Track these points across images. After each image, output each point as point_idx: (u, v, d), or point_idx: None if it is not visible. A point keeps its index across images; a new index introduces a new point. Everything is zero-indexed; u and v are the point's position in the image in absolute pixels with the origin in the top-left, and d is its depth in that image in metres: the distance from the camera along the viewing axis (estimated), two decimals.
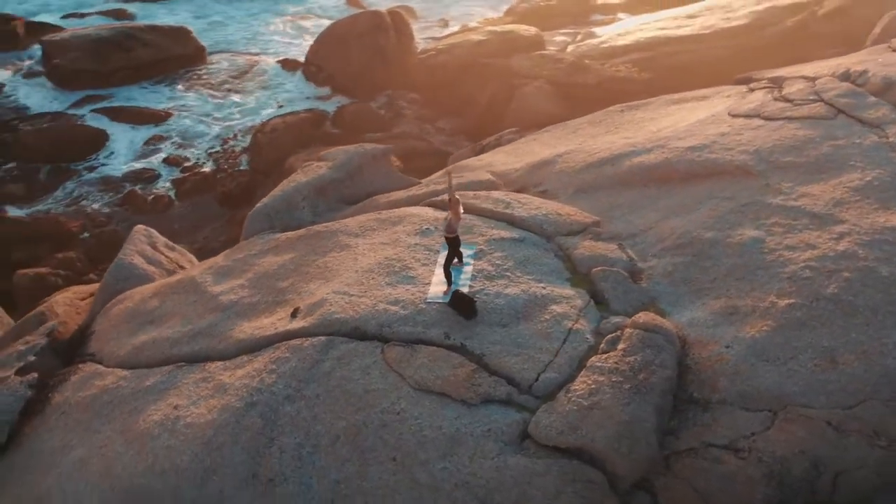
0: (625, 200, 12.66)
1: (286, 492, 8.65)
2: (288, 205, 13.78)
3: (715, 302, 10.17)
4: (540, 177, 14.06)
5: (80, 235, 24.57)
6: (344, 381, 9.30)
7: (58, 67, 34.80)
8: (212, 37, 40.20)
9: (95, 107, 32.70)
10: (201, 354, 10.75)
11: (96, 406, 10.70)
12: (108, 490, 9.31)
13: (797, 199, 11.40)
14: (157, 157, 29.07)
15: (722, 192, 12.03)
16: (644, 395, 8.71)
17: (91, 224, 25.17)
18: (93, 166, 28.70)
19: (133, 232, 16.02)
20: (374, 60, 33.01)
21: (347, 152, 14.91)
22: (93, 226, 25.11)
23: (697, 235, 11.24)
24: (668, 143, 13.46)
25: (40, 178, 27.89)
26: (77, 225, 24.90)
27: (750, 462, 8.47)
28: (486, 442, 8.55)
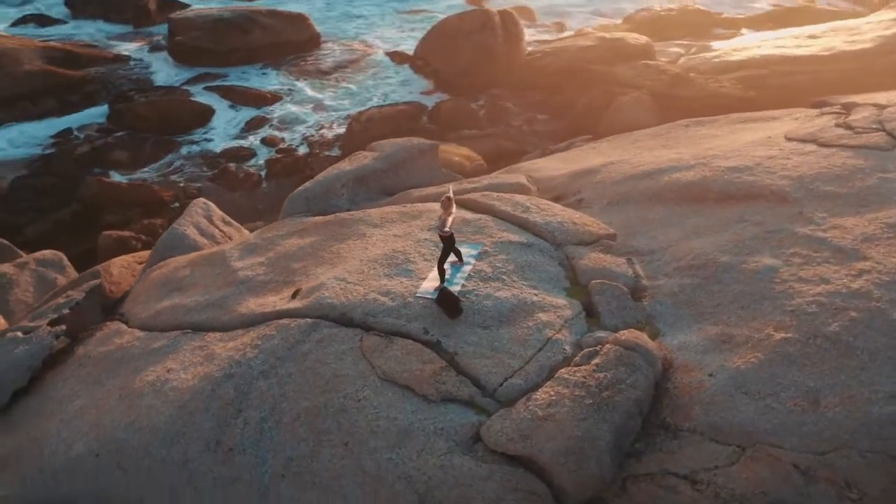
0: (654, 216, 12.41)
1: (243, 462, 9.01)
2: (327, 191, 14.22)
3: (712, 328, 9.87)
4: (580, 185, 13.94)
5: (171, 205, 26.00)
6: (317, 364, 9.60)
7: (179, 44, 36.93)
8: (329, 24, 41.54)
9: (208, 84, 34.50)
10: (206, 324, 11.29)
11: (108, 362, 11.43)
12: (93, 440, 9.94)
13: (826, 230, 10.87)
14: (257, 137, 30.37)
15: (753, 216, 11.61)
16: (603, 413, 8.58)
17: (182, 195, 26.58)
18: (195, 140, 30.29)
19: (192, 204, 16.89)
20: (480, 59, 33.29)
21: (395, 145, 15.23)
22: (184, 196, 26.50)
23: (713, 258, 10.91)
24: (711, 161, 13.07)
25: (146, 148, 29.68)
26: (169, 195, 26.38)
27: (705, 496, 8.20)
28: (436, 439, 8.65)
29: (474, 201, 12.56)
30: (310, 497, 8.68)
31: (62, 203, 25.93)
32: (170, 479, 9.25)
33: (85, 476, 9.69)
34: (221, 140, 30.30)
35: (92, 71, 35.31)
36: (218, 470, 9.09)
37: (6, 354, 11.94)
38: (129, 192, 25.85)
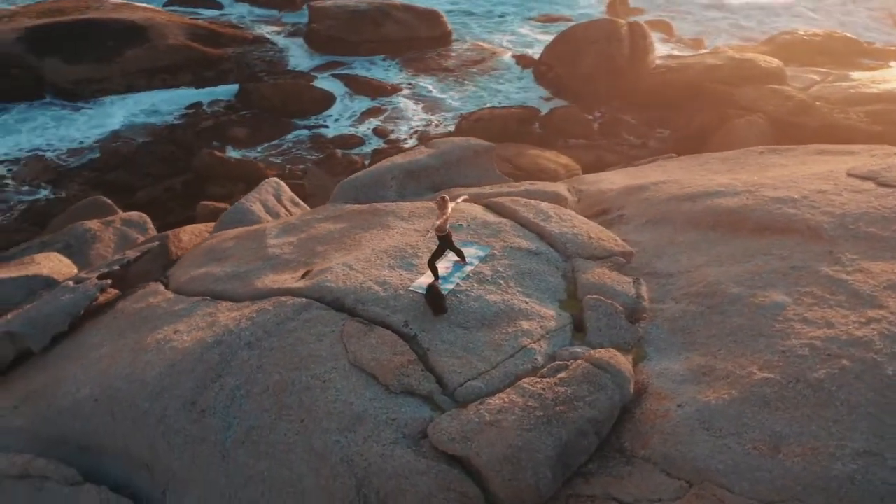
0: (685, 239, 12.07)
1: (211, 424, 9.52)
2: (377, 181, 14.62)
3: (698, 358, 9.57)
4: (627, 201, 13.71)
5: None
6: (297, 342, 9.99)
7: (314, 32, 38.54)
8: (463, 24, 42.14)
9: (335, 72, 35.84)
10: (224, 294, 11.90)
11: (136, 318, 12.26)
12: (97, 386, 10.74)
13: (850, 273, 10.27)
14: (369, 127, 31.32)
15: (780, 249, 11.11)
16: (551, 428, 8.52)
17: (287, 176, 27.78)
18: (311, 125, 31.57)
19: (263, 182, 17.74)
20: (602, 69, 32.91)
21: (452, 143, 15.46)
22: (288, 177, 27.69)
23: (724, 288, 10.53)
24: (759, 189, 12.56)
25: (264, 128, 31.21)
26: (273, 173, 27.62)
27: None
28: (385, 429, 8.84)
29: (501, 205, 12.62)
30: (262, 466, 9.08)
31: (177, 171, 27.70)
32: (149, 430, 9.88)
33: (82, 418, 10.48)
34: (335, 126, 31.45)
35: (230, 51, 37.37)
36: (189, 429, 9.63)
37: (53, 301, 12.98)
38: (237, 168, 27.28)
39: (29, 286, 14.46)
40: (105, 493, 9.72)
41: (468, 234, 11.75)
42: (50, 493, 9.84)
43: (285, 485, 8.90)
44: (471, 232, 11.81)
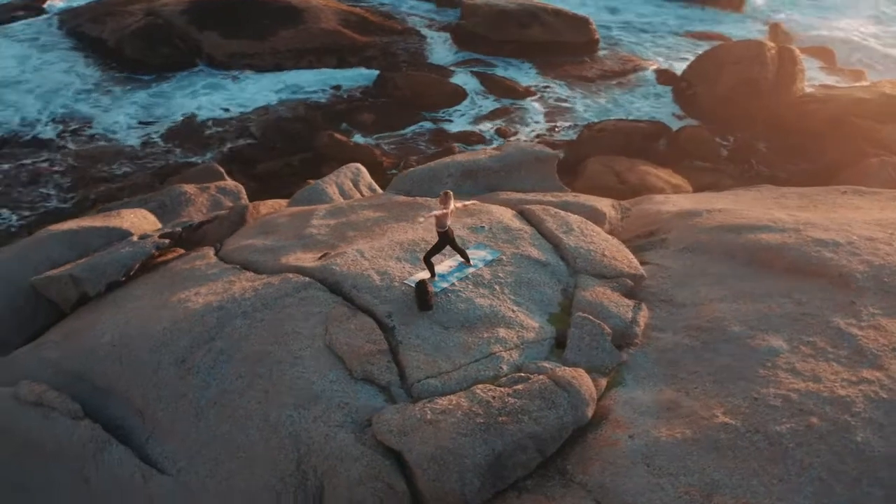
0: (716, 270, 11.60)
1: (193, 382, 10.14)
2: (433, 176, 14.85)
3: (670, 392, 9.25)
4: (675, 225, 13.28)
5: (388, 171, 27.95)
6: (287, 318, 10.42)
7: (460, 28, 39.10)
8: (612, 33, 41.39)
9: (472, 69, 36.23)
10: (251, 265, 12.50)
11: (176, 277, 13.10)
12: (118, 334, 11.60)
13: (863, 328, 9.58)
14: (492, 126, 31.49)
15: (802, 293, 10.49)
16: (487, 436, 8.52)
17: (403, 165, 28.43)
18: (437, 118, 32.08)
19: (344, 166, 18.35)
20: (742, 91, 31.44)
21: (515, 147, 15.44)
22: (403, 166, 28.35)
23: (726, 325, 10.09)
24: (807, 229, 11.85)
25: (391, 117, 31.99)
26: (389, 161, 28.37)
27: None
28: (336, 411, 9.13)
29: (531, 212, 12.56)
30: (224, 428, 9.59)
31: (299, 149, 28.91)
32: (145, 380, 10.61)
33: (99, 360, 11.34)
34: (460, 122, 31.84)
35: (377, 39, 38.51)
36: (175, 383, 10.28)
37: (114, 252, 14.04)
38: (354, 151, 28.16)
39: (108, 236, 15.62)
40: (98, 430, 10.47)
41: (485, 237, 11.79)
42: (54, 422, 10.70)
43: (239, 449, 9.36)
44: (489, 235, 11.84)
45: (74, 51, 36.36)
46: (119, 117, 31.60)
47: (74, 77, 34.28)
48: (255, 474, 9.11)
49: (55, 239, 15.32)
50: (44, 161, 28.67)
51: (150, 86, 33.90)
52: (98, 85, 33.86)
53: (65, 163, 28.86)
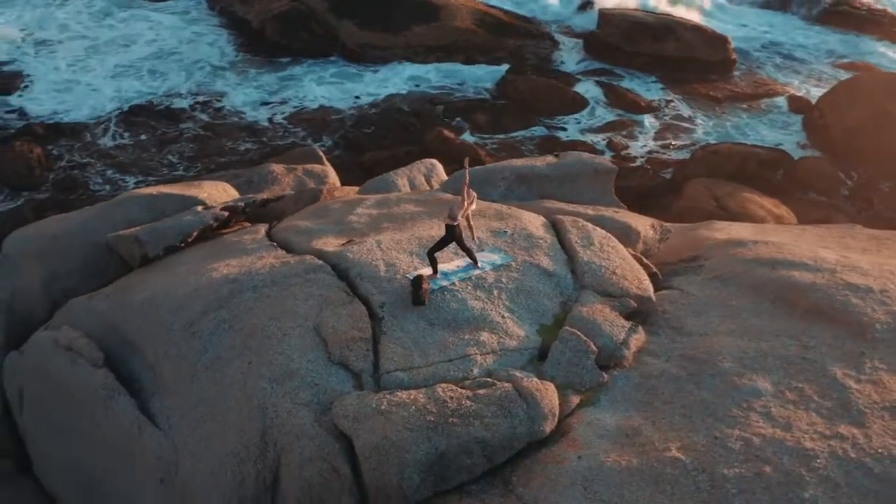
0: (736, 303, 11.11)
1: (194, 346, 10.73)
2: (486, 178, 14.86)
3: (637, 419, 9.02)
4: (717, 253, 12.77)
5: None
6: (288, 296, 10.81)
7: (593, 37, 38.65)
8: (752, 55, 39.61)
9: (598, 79, 35.73)
10: (286, 244, 12.98)
11: (223, 249, 13.73)
12: (151, 293, 12.38)
13: (861, 382, 8.99)
14: (605, 138, 31.01)
15: (812, 337, 9.93)
16: (433, 435, 8.60)
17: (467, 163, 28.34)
18: (552, 125, 31.91)
19: (420, 161, 18.64)
20: (873, 124, 29.43)
21: (575, 157, 15.22)
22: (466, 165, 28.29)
23: (719, 360, 9.71)
24: (843, 271, 11.16)
25: (505, 119, 32.08)
26: (490, 162, 28.51)
27: None
28: (305, 390, 9.44)
29: (560, 222, 12.44)
30: (210, 393, 10.11)
31: (408, 142, 29.54)
32: (160, 338, 11.31)
33: (130, 316, 12.15)
34: (574, 131, 31.56)
35: (509, 41, 38.61)
36: (180, 346, 10.89)
37: (177, 219, 14.83)
38: (459, 149, 28.42)
39: (183, 204, 16.51)
40: (110, 379, 11.22)
41: (504, 242, 11.75)
42: (79, 367, 11.53)
43: (217, 414, 9.84)
44: (509, 241, 11.79)
45: (221, 28, 38.32)
46: (250, 95, 33.14)
47: (215, 53, 36.15)
48: (226, 439, 9.55)
49: (135, 202, 16.32)
50: (174, 130, 30.38)
51: (284, 68, 35.35)
52: (235, 63, 35.62)
53: (192, 134, 30.51)
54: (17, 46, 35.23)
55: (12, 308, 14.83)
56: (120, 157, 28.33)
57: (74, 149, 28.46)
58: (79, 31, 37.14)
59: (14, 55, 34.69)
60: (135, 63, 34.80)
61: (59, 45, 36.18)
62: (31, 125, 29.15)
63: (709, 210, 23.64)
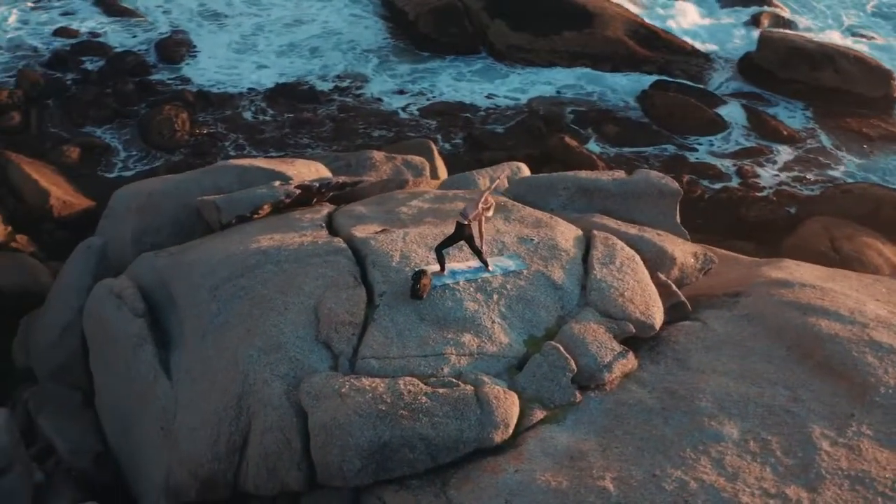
0: (752, 344, 10.57)
1: (210, 308, 11.46)
2: (548, 187, 14.68)
3: (591, 444, 8.93)
4: (759, 291, 12.03)
5: None
6: (303, 274, 11.30)
7: (749, 59, 36.79)
8: None
9: (744, 102, 34.11)
10: (333, 226, 13.38)
11: (280, 223, 14.21)
12: (197, 255, 13.12)
13: (836, 446, 8.44)
14: (736, 164, 29.62)
15: (809, 391, 9.36)
16: (379, 424, 8.84)
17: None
18: (682, 144, 30.74)
19: (507, 163, 18.66)
20: None
21: (642, 175, 14.73)
22: None
23: (698, 399, 9.40)
24: (876, 327, 10.35)
25: (636, 132, 31.23)
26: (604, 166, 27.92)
27: None
28: (285, 364, 9.93)
29: (593, 237, 12.28)
30: (210, 353, 10.79)
31: (530, 145, 29.36)
32: (189, 297, 12.13)
33: (177, 274, 12.94)
34: (704, 153, 30.32)
35: (659, 55, 37.53)
36: (201, 306, 11.62)
37: (252, 192, 15.54)
38: (578, 158, 27.99)
39: (270, 178, 17.31)
40: (143, 329, 12.13)
41: (526, 250, 11.61)
42: (123, 314, 12.54)
43: (209, 372, 10.46)
44: (532, 249, 11.66)
45: (378, 17, 39.23)
46: (390, 84, 33.91)
47: (369, 39, 37.09)
48: (210, 399, 10.11)
49: (228, 170, 17.28)
50: (313, 111, 31.56)
51: (428, 61, 35.94)
52: (383, 51, 36.47)
53: (329, 116, 31.58)
54: (190, 18, 37.54)
55: (105, 255, 16.02)
56: (257, 131, 29.78)
57: (218, 119, 30.17)
58: (248, 7, 39.03)
59: (186, 26, 36.93)
60: (299, 42, 36.16)
61: (228, 20, 38.17)
62: (184, 92, 30.92)
63: (820, 251, 22.10)
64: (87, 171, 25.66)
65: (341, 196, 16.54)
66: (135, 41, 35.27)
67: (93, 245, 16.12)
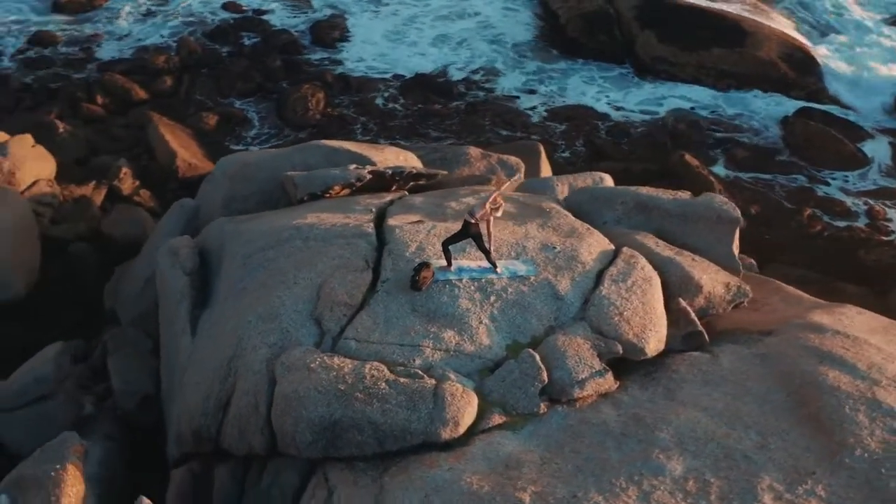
0: (754, 385, 9.99)
1: (239, 273, 12.15)
2: (605, 199, 14.31)
3: (532, 456, 8.80)
4: (787, 331, 11.26)
5: None
6: (322, 253, 11.71)
7: None
8: None
9: (891, 139, 31.59)
10: (383, 213, 13.56)
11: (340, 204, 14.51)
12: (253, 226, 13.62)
13: (779, 500, 7.81)
14: (867, 203, 27.53)
15: (782, 440, 8.88)
16: (333, 402, 9.20)
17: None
18: (815, 177, 28.59)
19: (590, 172, 18.32)
20: None
21: (706, 198, 14.03)
22: None
23: (658, 430, 9.10)
24: (888, 385, 9.51)
25: (766, 158, 29.57)
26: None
27: None
28: (276, 334, 10.42)
29: (621, 252, 11.87)
30: (225, 316, 11.39)
31: (650, 160, 28.47)
32: (227, 263, 12.68)
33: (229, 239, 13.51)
34: (836, 187, 28.33)
35: (811, 80, 35.28)
36: (233, 271, 12.38)
37: (326, 172, 16.02)
38: (696, 178, 26.75)
39: (354, 161, 17.79)
40: (186, 286, 12.89)
41: (545, 257, 11.42)
42: (174, 271, 13.32)
43: (218, 333, 11.09)
44: (550, 256, 11.47)
45: (532, 15, 38.82)
46: (524, 83, 33.64)
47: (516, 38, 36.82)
48: (212, 358, 10.75)
49: (317, 150, 17.91)
50: (444, 104, 31.82)
51: (568, 64, 35.41)
52: (525, 49, 36.12)
53: (459, 110, 31.71)
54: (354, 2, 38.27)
55: (196, 215, 17.04)
56: (388, 118, 30.45)
57: (352, 102, 31.04)
58: None
59: (349, 10, 37.79)
60: (451, 34, 36.32)
61: (385, 7, 38.81)
62: (325, 73, 31.81)
63: None
64: (220, 138, 27.21)
65: (428, 186, 16.72)
66: (294, 21, 36.49)
67: (185, 205, 17.20)
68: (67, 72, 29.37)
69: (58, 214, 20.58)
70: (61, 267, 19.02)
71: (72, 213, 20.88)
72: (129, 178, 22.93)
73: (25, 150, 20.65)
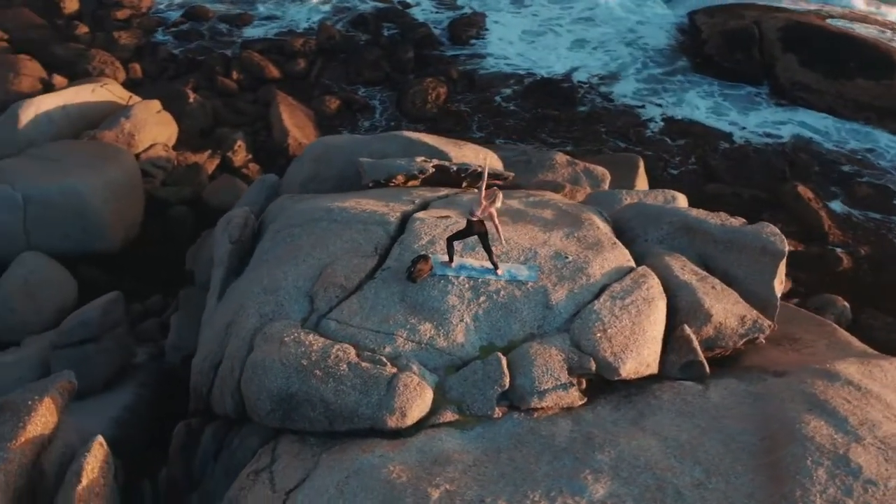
0: (731, 423, 9.40)
1: (267, 246, 12.64)
2: (653, 218, 13.53)
3: (467, 457, 8.78)
4: (795, 372, 10.51)
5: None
6: (337, 235, 12.06)
7: None
8: None
9: None
10: (424, 202, 13.68)
11: (392, 193, 14.75)
12: (302, 207, 13.96)
13: None
14: None
15: (727, 483, 8.32)
16: (291, 376, 9.54)
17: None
18: None
19: (663, 190, 17.65)
20: None
21: (756, 227, 13.16)
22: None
23: (601, 452, 8.77)
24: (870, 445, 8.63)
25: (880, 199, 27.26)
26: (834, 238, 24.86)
27: None
28: (271, 304, 10.99)
29: (634, 270, 11.37)
30: (244, 282, 11.76)
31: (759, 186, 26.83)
32: (266, 237, 13.03)
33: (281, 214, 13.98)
34: None
35: None
36: (265, 243, 12.75)
37: (393, 162, 16.18)
38: (804, 210, 25.17)
39: (434, 155, 17.90)
40: (226, 252, 13.27)
41: (553, 265, 11.16)
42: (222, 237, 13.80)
43: (231, 301, 11.51)
44: (559, 265, 11.19)
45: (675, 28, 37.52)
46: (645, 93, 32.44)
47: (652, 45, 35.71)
48: (219, 321, 11.16)
49: (396, 140, 18.23)
50: (560, 109, 31.20)
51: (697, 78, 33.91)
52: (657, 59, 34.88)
53: (574, 116, 31.00)
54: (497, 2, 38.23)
55: (276, 191, 17.72)
56: (504, 118, 30.31)
57: (472, 100, 31.08)
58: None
59: (486, 7, 37.74)
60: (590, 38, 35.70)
61: (526, 9, 38.47)
62: (450, 69, 31.93)
63: None
64: (337, 122, 28.02)
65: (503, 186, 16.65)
66: (437, 17, 36.82)
67: (266, 180, 17.91)
68: (212, 46, 31.12)
69: (169, 178, 21.97)
70: (161, 226, 20.32)
71: (182, 177, 22.22)
72: (243, 151, 24.10)
73: (149, 114, 22.14)
